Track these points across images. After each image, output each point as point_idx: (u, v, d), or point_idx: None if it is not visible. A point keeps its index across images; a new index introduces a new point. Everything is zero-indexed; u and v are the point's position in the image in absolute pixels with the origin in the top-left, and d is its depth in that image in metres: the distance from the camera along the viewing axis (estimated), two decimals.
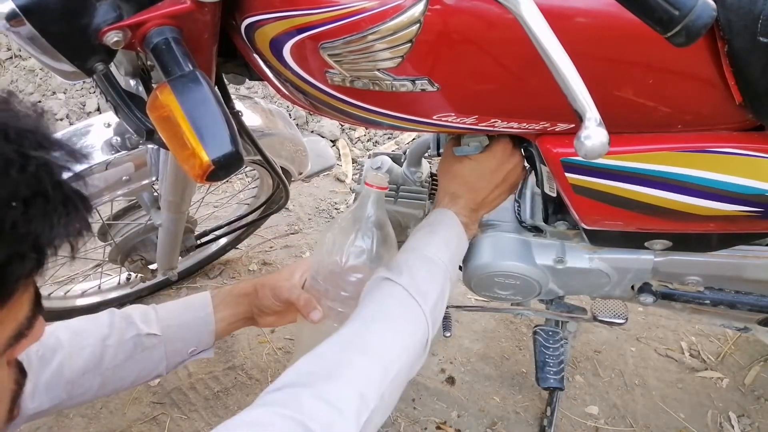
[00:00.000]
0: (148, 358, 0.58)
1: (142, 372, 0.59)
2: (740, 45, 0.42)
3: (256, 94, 1.58)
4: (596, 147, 0.34)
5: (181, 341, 0.60)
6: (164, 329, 0.59)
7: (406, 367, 0.46)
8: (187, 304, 0.62)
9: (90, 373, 0.55)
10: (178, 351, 0.61)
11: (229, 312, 0.63)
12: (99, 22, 0.40)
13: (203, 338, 0.61)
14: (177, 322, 0.60)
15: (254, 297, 0.63)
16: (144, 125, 0.53)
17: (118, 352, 0.57)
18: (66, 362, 0.54)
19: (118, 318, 0.58)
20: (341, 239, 0.58)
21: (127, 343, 0.57)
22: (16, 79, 1.62)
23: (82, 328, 0.57)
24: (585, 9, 0.41)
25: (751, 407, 0.99)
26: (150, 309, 0.61)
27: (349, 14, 0.40)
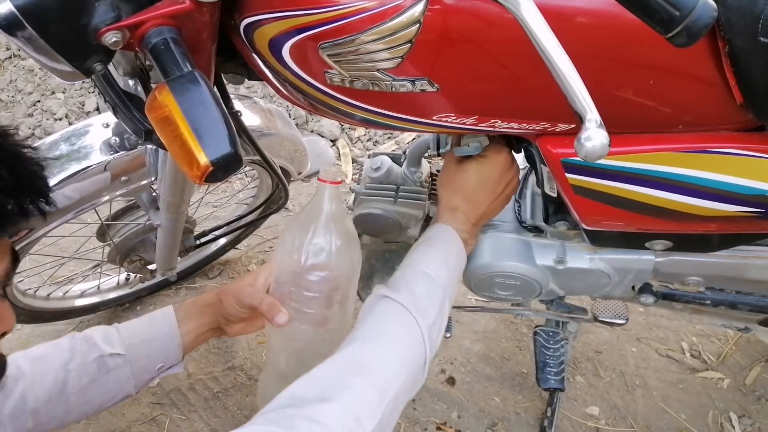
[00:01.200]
0: (113, 379, 0.57)
1: (108, 394, 0.58)
2: (741, 45, 0.42)
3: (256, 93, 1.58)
4: (597, 148, 0.34)
5: (147, 358, 0.59)
6: (128, 348, 0.58)
7: (405, 389, 0.46)
8: (150, 320, 0.61)
9: (54, 399, 0.54)
10: (145, 368, 0.59)
11: (194, 324, 0.61)
12: (97, 22, 0.40)
13: (170, 353, 0.60)
14: (140, 339, 0.59)
15: (219, 306, 0.61)
16: (142, 125, 0.53)
17: (82, 375, 0.56)
18: (29, 390, 0.53)
19: (79, 341, 0.57)
20: (300, 238, 0.56)
21: (90, 366, 0.56)
22: (15, 79, 1.62)
23: (42, 355, 0.56)
24: (585, 9, 0.41)
25: (752, 408, 0.99)
26: (112, 329, 0.60)
27: (349, 14, 0.40)
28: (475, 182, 0.58)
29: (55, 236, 0.89)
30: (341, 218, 0.58)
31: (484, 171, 0.58)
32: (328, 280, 0.56)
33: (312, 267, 0.56)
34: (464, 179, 0.58)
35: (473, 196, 0.58)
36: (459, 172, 0.59)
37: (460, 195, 0.58)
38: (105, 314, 1.11)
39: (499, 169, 0.58)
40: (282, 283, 0.59)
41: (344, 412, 0.40)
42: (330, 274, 0.56)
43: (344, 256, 0.57)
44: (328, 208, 0.56)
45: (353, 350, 0.46)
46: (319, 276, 0.56)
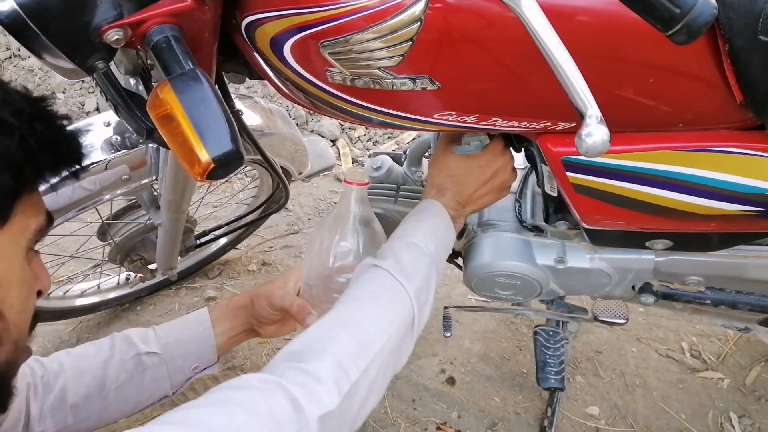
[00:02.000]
0: (150, 378, 0.59)
1: (145, 392, 0.59)
2: (741, 44, 0.42)
3: (256, 93, 1.58)
4: (597, 144, 0.34)
5: (182, 358, 0.60)
6: (163, 347, 0.59)
7: (391, 343, 0.46)
8: (185, 322, 0.63)
9: (93, 396, 0.56)
10: (180, 368, 0.61)
11: (228, 325, 0.63)
12: (99, 20, 0.40)
13: (205, 354, 0.62)
14: (175, 339, 0.60)
15: (251, 308, 0.62)
16: (144, 124, 0.53)
17: (120, 372, 0.57)
18: (69, 386, 0.55)
19: (118, 340, 0.59)
20: (328, 240, 0.58)
21: (128, 363, 0.57)
22: (16, 79, 1.62)
23: (83, 352, 0.58)
24: (586, 7, 0.41)
25: (752, 408, 0.98)
26: (149, 330, 0.61)
27: (350, 12, 0.40)
28: (464, 165, 0.58)
29: (55, 235, 0.89)
30: (368, 220, 0.58)
31: (474, 156, 0.59)
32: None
33: (340, 269, 0.57)
34: (452, 160, 0.59)
35: (460, 177, 0.59)
36: (447, 153, 0.60)
37: (446, 174, 0.59)
38: (105, 314, 1.11)
39: (487, 154, 0.58)
40: (311, 285, 0.60)
41: (330, 361, 0.42)
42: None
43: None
44: (355, 210, 0.58)
45: (339, 310, 0.47)
46: (347, 277, 0.56)
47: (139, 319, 1.11)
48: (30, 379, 0.54)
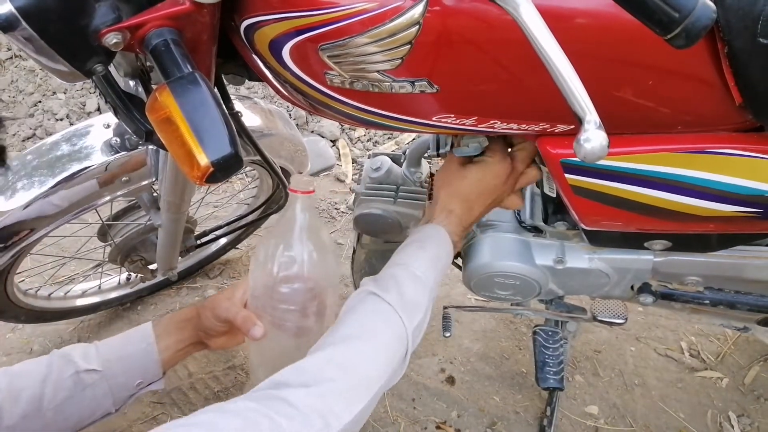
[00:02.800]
0: (90, 396, 0.57)
1: (85, 411, 0.57)
2: (740, 46, 0.42)
3: (256, 94, 1.58)
4: (596, 150, 0.34)
5: (124, 375, 0.59)
6: (104, 364, 0.58)
7: (383, 381, 0.47)
8: (128, 337, 0.61)
9: (30, 416, 0.54)
10: (123, 385, 0.59)
11: (173, 339, 0.61)
12: (98, 23, 0.40)
13: (148, 370, 0.60)
14: (117, 355, 0.59)
15: (197, 320, 0.61)
16: (143, 126, 0.53)
17: (57, 391, 0.55)
18: (5, 407, 0.53)
19: (56, 357, 0.58)
20: (272, 250, 0.56)
21: (66, 381, 0.56)
22: (16, 79, 1.62)
23: (20, 371, 0.56)
24: (584, 10, 0.41)
25: (751, 407, 0.99)
26: (91, 346, 0.60)
27: (349, 16, 0.40)
28: (476, 189, 0.58)
29: (56, 236, 0.89)
30: (314, 229, 0.57)
31: (485, 179, 0.58)
32: (301, 292, 0.56)
33: (284, 279, 0.55)
34: (465, 184, 0.58)
35: (471, 201, 0.58)
36: (460, 175, 0.58)
37: (458, 198, 0.58)
38: (106, 314, 1.12)
39: (500, 179, 0.58)
40: (257, 296, 0.58)
41: (319, 401, 0.41)
42: (303, 286, 0.56)
43: (318, 267, 0.56)
44: (300, 219, 0.56)
45: (339, 347, 0.46)
46: (292, 287, 0.56)
47: (140, 318, 1.11)
48: None
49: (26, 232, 0.75)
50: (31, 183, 0.74)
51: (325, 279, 0.58)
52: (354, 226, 0.78)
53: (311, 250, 0.56)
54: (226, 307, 0.59)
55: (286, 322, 0.58)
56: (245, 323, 0.57)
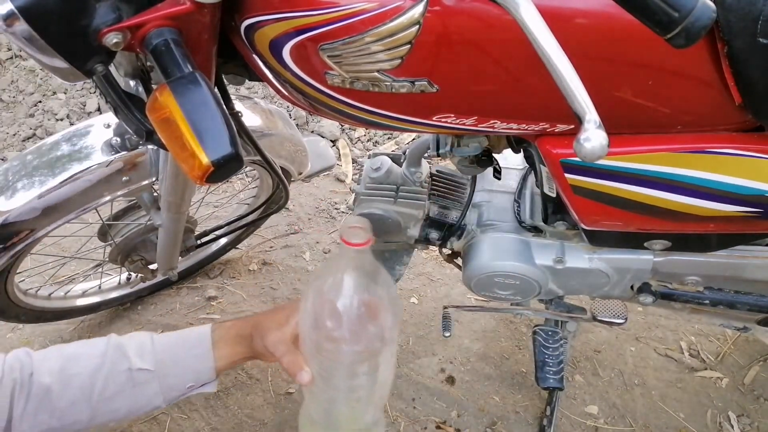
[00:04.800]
0: (140, 393, 0.56)
1: (135, 405, 0.57)
2: (740, 46, 0.42)
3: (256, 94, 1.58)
4: (596, 149, 0.34)
5: (176, 377, 0.57)
6: (158, 363, 0.57)
7: None
8: (185, 339, 0.59)
9: (79, 403, 0.54)
10: (174, 386, 0.58)
11: (229, 351, 0.59)
12: (98, 23, 0.40)
13: (202, 374, 0.58)
14: (172, 356, 0.57)
15: (251, 340, 0.58)
16: (144, 126, 0.53)
17: (109, 384, 0.55)
18: (55, 389, 0.53)
19: (112, 348, 0.56)
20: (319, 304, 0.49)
21: (119, 377, 0.55)
22: (17, 79, 1.62)
23: (74, 354, 0.55)
24: (584, 10, 0.41)
25: (751, 407, 0.99)
26: (147, 340, 0.58)
27: (349, 15, 0.40)
28: None
29: (56, 236, 0.89)
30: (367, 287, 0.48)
31: None
32: (348, 354, 0.49)
33: (329, 339, 0.49)
34: None
35: None
36: None
37: None
38: (106, 314, 1.12)
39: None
40: (305, 340, 0.52)
41: None
42: (350, 349, 0.49)
43: (369, 331, 0.49)
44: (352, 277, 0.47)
45: None
46: (338, 348, 0.49)
47: (140, 318, 1.11)
48: (18, 375, 0.51)
49: (26, 232, 0.75)
50: (31, 183, 0.74)
51: (377, 343, 0.49)
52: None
53: (361, 314, 0.48)
54: (273, 342, 0.55)
55: (333, 378, 0.52)
56: (291, 367, 0.52)
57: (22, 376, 0.52)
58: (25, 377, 0.52)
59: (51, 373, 0.53)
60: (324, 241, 1.27)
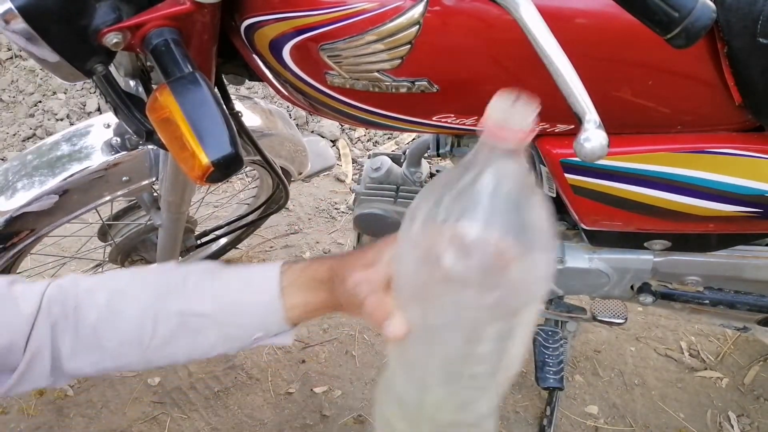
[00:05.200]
0: (197, 341, 0.46)
1: (194, 352, 0.47)
2: (740, 46, 0.42)
3: (256, 94, 1.58)
4: (596, 149, 0.34)
5: (238, 327, 0.46)
6: (216, 308, 0.46)
7: None
8: (248, 282, 0.47)
9: (129, 346, 0.45)
10: (236, 336, 0.47)
11: (302, 299, 0.45)
12: (98, 23, 0.40)
13: (270, 325, 0.46)
14: (232, 301, 0.46)
15: (331, 286, 0.44)
16: (144, 126, 0.53)
17: (158, 328, 0.45)
18: (101, 328, 0.44)
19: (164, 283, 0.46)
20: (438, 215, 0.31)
21: (169, 321, 0.45)
22: (17, 79, 1.62)
23: (121, 290, 0.46)
24: (584, 10, 0.41)
25: (751, 407, 0.99)
26: (207, 276, 0.47)
27: (349, 15, 0.40)
28: None
29: (56, 236, 0.89)
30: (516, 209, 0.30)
31: None
32: (472, 308, 0.31)
33: (445, 279, 0.31)
34: None
35: None
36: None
37: None
38: None
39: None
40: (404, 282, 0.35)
41: None
42: (475, 300, 0.31)
43: (509, 277, 0.31)
44: (489, 192, 0.29)
45: None
46: (458, 296, 0.31)
47: None
48: (60, 309, 0.43)
49: (26, 232, 0.75)
50: (31, 183, 0.74)
51: (522, 293, 0.32)
52: (354, 226, 0.78)
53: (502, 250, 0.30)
54: (355, 282, 0.40)
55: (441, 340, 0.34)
56: (376, 310, 0.37)
57: (65, 309, 0.44)
58: (69, 311, 0.44)
59: (97, 307, 0.45)
60: (324, 241, 1.27)
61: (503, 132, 0.28)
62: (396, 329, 0.36)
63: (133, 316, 0.45)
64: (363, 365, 1.03)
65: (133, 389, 0.97)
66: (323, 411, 0.96)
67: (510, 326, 0.34)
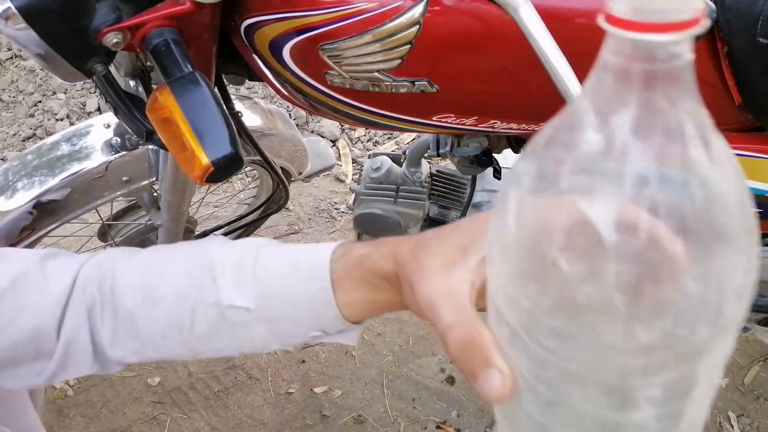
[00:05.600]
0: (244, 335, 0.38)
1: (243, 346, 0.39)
2: (740, 46, 0.42)
3: (256, 94, 1.58)
4: None
5: (288, 321, 0.37)
6: (259, 299, 0.37)
7: None
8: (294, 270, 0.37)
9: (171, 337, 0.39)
10: (290, 332, 0.38)
11: (361, 296, 0.36)
12: (98, 23, 0.40)
13: (325, 323, 0.37)
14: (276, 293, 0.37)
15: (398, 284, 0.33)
16: (144, 126, 0.53)
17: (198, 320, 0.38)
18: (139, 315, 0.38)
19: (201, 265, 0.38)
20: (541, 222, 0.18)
21: (208, 312, 0.37)
22: (17, 79, 1.62)
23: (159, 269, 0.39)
24: (582, 10, 0.41)
25: (751, 407, 0.99)
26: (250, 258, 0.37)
27: (349, 15, 0.40)
28: None
29: (56, 236, 0.89)
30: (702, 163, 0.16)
31: None
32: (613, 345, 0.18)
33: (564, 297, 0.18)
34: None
35: None
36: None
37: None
38: None
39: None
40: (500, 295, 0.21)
41: None
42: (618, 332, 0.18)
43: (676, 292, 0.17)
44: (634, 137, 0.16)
45: None
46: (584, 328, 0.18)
47: None
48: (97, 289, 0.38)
49: (26, 232, 0.75)
50: (31, 183, 0.74)
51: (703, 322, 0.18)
52: (354, 226, 0.78)
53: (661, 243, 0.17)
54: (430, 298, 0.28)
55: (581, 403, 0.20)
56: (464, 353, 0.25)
57: (102, 290, 0.38)
58: (107, 292, 0.38)
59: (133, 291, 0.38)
60: (324, 241, 1.27)
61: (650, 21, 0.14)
62: (496, 387, 0.22)
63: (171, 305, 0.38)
64: (363, 365, 1.03)
65: (133, 389, 0.97)
66: (323, 411, 0.96)
67: (686, 375, 0.20)
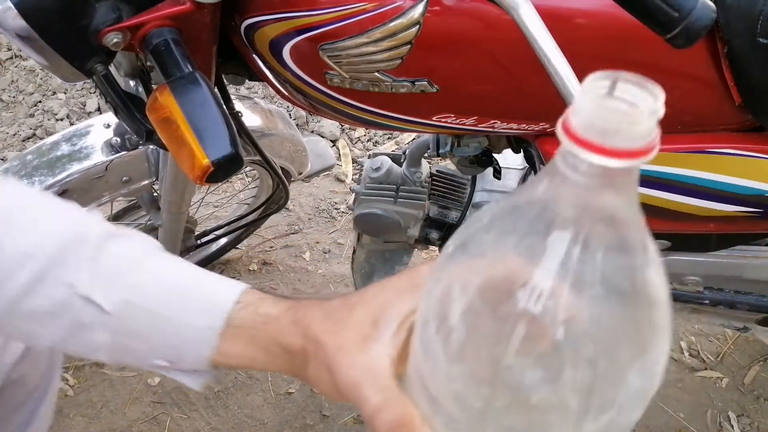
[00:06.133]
0: (78, 334, 0.32)
1: (69, 347, 0.33)
2: (740, 46, 0.42)
3: (256, 94, 1.58)
4: None
5: (143, 342, 0.32)
6: (123, 308, 0.31)
7: None
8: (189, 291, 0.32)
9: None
10: (135, 353, 0.33)
11: (247, 354, 0.31)
12: (98, 23, 0.40)
13: (185, 357, 0.32)
14: (150, 308, 0.31)
15: (300, 360, 0.29)
16: (144, 126, 0.53)
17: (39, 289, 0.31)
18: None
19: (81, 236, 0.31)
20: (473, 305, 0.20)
21: (57, 291, 0.31)
22: (17, 79, 1.62)
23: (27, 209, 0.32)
24: (583, 10, 0.41)
25: (751, 407, 0.99)
26: (134, 256, 0.32)
27: (349, 15, 0.40)
28: None
29: None
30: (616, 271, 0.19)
31: None
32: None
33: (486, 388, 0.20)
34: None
35: None
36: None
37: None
38: None
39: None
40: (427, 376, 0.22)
41: None
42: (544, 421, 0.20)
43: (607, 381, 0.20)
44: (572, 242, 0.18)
45: None
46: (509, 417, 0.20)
47: None
48: None
49: None
50: (31, 183, 0.74)
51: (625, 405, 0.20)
52: (354, 226, 0.78)
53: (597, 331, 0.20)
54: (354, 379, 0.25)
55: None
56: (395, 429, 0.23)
57: None
58: None
59: None
60: (324, 241, 1.27)
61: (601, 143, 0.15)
62: None
63: (13, 251, 0.30)
64: None
65: (133, 389, 0.97)
66: (323, 411, 0.96)
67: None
